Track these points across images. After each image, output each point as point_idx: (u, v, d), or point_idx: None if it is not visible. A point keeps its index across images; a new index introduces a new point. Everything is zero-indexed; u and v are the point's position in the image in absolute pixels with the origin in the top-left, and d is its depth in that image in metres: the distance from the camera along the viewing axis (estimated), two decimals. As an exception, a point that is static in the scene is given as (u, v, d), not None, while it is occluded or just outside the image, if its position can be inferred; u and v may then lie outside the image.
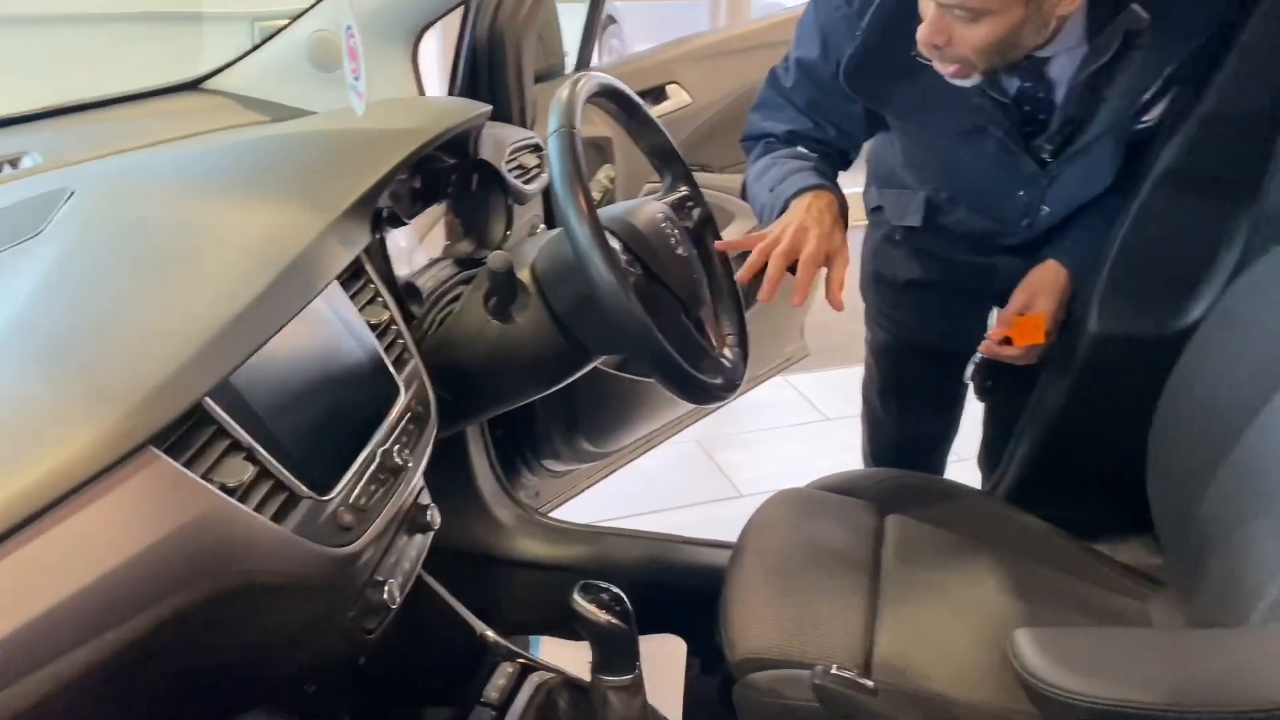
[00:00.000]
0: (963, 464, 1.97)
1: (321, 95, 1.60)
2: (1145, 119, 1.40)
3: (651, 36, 5.90)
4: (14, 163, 1.29)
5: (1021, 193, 1.48)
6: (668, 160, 1.39)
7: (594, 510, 2.48)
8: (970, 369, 1.53)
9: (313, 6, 1.57)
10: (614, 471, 2.31)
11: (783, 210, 1.42)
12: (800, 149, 1.53)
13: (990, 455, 1.81)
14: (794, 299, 1.35)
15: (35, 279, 0.94)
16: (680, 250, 1.27)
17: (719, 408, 2.57)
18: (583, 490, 2.25)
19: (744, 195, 1.59)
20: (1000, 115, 1.39)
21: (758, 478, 2.78)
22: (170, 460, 0.79)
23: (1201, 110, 1.36)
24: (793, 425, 3.07)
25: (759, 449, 2.96)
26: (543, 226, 1.70)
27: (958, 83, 1.32)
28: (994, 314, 1.52)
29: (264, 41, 1.62)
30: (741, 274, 1.37)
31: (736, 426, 3.03)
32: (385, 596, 1.01)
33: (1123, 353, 1.45)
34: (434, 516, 1.15)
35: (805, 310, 2.59)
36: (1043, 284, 1.49)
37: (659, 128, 1.36)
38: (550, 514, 2.19)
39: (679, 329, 1.23)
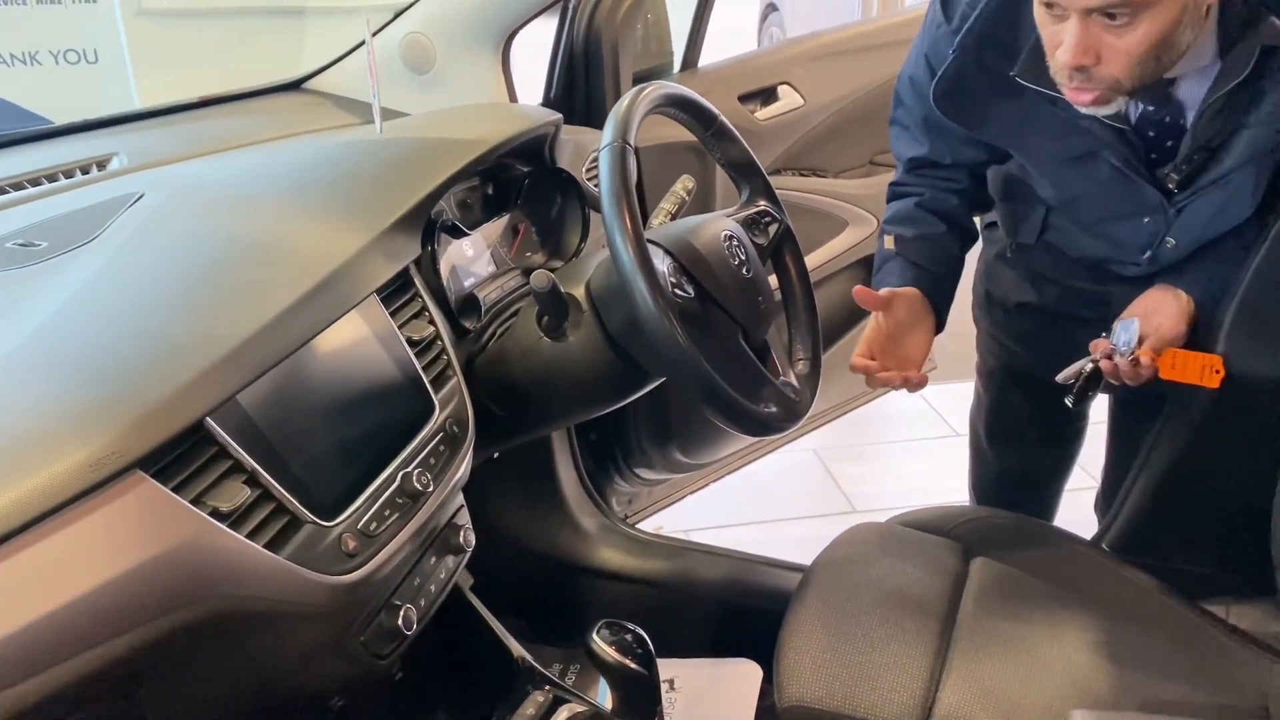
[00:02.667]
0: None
1: (414, 96, 1.60)
2: None
3: (812, 24, 5.77)
4: (102, 164, 1.33)
5: (1146, 219, 1.34)
6: (745, 173, 1.32)
7: (696, 516, 2.44)
8: (1070, 372, 1.38)
9: (405, 10, 1.57)
10: (715, 481, 2.25)
11: None
12: (913, 206, 1.48)
13: (1109, 498, 1.66)
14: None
15: (72, 289, 0.95)
16: (745, 271, 1.20)
17: (836, 416, 2.50)
18: (680, 499, 2.20)
19: None
20: (1116, 141, 1.26)
21: (875, 494, 2.67)
22: (157, 484, 0.79)
23: (1352, 129, 1.20)
24: (918, 440, 2.93)
25: (880, 463, 2.85)
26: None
27: (1095, 111, 1.19)
28: (1118, 327, 1.35)
29: (361, 43, 1.63)
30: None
31: (858, 438, 2.92)
32: (400, 623, 0.99)
33: (1251, 394, 1.30)
34: (468, 538, 1.12)
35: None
36: (1160, 304, 1.34)
37: (736, 139, 1.30)
38: (648, 518, 2.16)
39: (734, 355, 1.17)
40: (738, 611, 1.73)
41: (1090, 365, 1.36)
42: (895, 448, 2.92)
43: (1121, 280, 1.44)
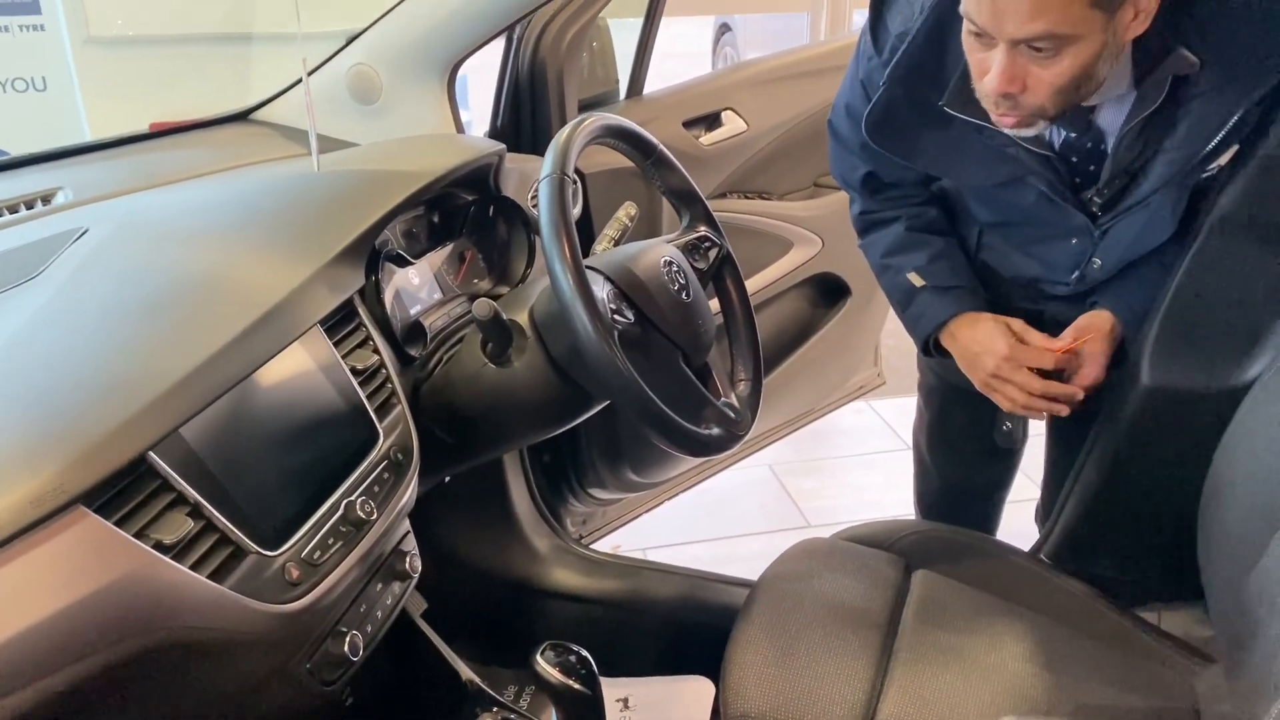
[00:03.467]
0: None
1: (361, 127, 1.62)
2: (1210, 169, 1.30)
3: (765, 45, 5.85)
4: (47, 199, 1.34)
5: (1074, 241, 1.39)
6: (685, 200, 1.35)
7: (653, 534, 2.47)
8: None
9: (351, 41, 1.59)
10: (670, 499, 2.28)
11: (929, 345, 1.50)
12: (904, 232, 1.50)
13: (1048, 509, 1.71)
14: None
15: (15, 326, 0.97)
16: (684, 295, 1.23)
17: (790, 431, 2.54)
18: (636, 517, 2.23)
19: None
20: (1041, 167, 1.31)
21: (830, 508, 2.71)
22: (99, 518, 0.80)
23: (1262, 152, 1.26)
24: (872, 453, 2.98)
25: (834, 477, 2.88)
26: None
27: (1018, 133, 1.24)
28: None
29: (310, 72, 1.65)
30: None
31: (812, 452, 2.96)
32: (346, 649, 1.01)
33: (1175, 408, 1.35)
34: (414, 564, 1.14)
35: (877, 335, 2.52)
36: (1091, 329, 1.41)
37: (676, 167, 1.33)
38: (604, 538, 2.18)
39: (675, 378, 1.20)
40: (690, 629, 1.75)
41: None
42: (849, 462, 2.96)
43: (1054, 299, 1.49)
